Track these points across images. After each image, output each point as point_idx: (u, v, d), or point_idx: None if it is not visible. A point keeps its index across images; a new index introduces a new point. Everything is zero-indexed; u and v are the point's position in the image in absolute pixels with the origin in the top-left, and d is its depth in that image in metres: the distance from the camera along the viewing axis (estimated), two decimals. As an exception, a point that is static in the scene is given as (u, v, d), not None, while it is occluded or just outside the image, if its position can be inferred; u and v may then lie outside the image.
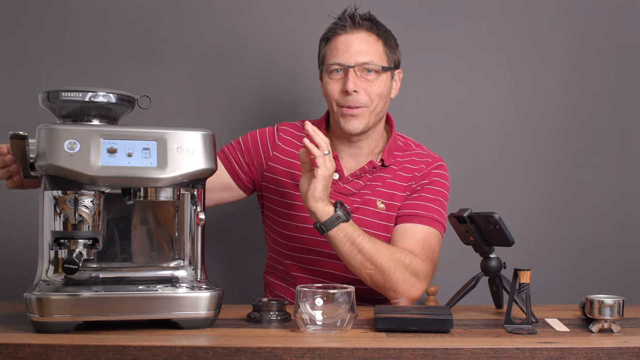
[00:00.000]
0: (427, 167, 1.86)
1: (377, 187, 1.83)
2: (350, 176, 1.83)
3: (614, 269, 2.40)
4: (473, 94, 2.40)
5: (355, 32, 1.79)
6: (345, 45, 1.78)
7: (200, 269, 1.46)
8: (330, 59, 1.80)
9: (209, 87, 2.35)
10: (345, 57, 1.77)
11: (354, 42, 1.78)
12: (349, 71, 1.76)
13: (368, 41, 1.79)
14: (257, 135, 1.90)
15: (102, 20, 2.33)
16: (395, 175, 1.84)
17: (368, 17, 1.83)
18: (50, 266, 1.38)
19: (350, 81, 1.75)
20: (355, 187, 1.83)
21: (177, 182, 1.36)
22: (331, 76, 1.79)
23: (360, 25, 1.79)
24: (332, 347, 1.20)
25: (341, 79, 1.78)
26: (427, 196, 1.81)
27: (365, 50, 1.77)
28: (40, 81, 2.26)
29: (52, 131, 1.31)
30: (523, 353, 1.20)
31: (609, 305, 1.34)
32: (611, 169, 2.41)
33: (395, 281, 1.66)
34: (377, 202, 1.81)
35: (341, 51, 1.78)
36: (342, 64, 1.77)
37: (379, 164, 1.84)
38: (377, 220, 1.81)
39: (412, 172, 1.85)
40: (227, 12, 2.35)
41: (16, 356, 1.19)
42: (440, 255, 1.81)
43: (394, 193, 1.83)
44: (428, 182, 1.83)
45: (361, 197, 1.82)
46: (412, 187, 1.83)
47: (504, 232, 1.50)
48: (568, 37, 2.40)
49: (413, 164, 1.86)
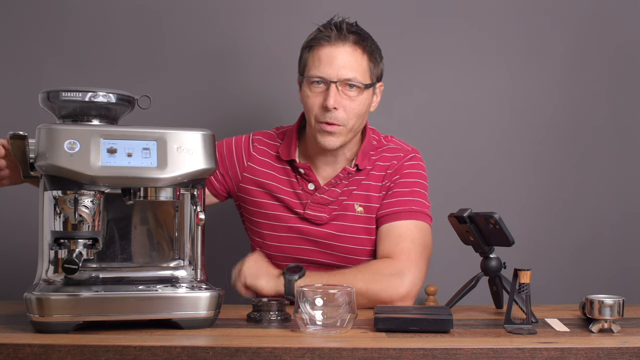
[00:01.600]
0: (398, 162, 1.82)
1: (353, 191, 1.81)
2: (326, 185, 1.81)
3: (614, 268, 2.41)
4: (472, 94, 2.40)
5: (340, 45, 1.72)
6: (329, 58, 1.72)
7: (200, 269, 1.46)
8: (312, 70, 1.73)
9: (209, 87, 2.35)
10: (328, 71, 1.71)
11: (339, 55, 1.71)
12: (331, 86, 1.70)
13: (353, 55, 1.73)
14: (233, 145, 1.88)
15: (102, 20, 2.33)
16: (369, 176, 1.81)
17: (355, 29, 1.76)
18: (50, 266, 1.38)
19: (332, 97, 1.70)
20: (332, 195, 1.80)
21: (177, 182, 1.36)
22: (312, 88, 1.74)
23: (345, 37, 1.72)
24: (332, 347, 1.20)
25: (322, 92, 1.72)
26: (401, 191, 1.79)
27: (350, 66, 1.71)
28: (40, 81, 2.26)
29: (52, 131, 1.31)
30: (523, 353, 1.20)
31: (609, 305, 1.34)
32: (610, 168, 2.41)
33: (376, 293, 1.64)
34: (355, 206, 1.80)
35: (324, 63, 1.72)
36: (324, 78, 1.71)
37: (353, 169, 1.80)
38: (358, 224, 1.80)
39: (384, 169, 1.82)
40: (227, 13, 2.35)
41: (16, 356, 1.19)
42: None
43: (370, 194, 1.80)
44: (399, 176, 1.80)
45: (339, 204, 1.81)
46: (387, 186, 1.81)
47: (504, 232, 1.50)
48: (567, 37, 2.40)
49: (384, 160, 1.83)
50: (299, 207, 1.81)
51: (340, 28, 1.73)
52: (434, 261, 2.26)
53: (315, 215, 1.80)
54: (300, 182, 1.82)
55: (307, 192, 1.81)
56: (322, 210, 1.80)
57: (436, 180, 2.38)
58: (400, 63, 2.38)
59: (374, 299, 1.63)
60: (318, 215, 1.80)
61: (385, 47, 2.42)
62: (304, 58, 1.78)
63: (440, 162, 2.39)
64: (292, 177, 1.83)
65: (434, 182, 2.38)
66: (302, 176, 1.82)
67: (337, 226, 1.79)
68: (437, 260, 2.28)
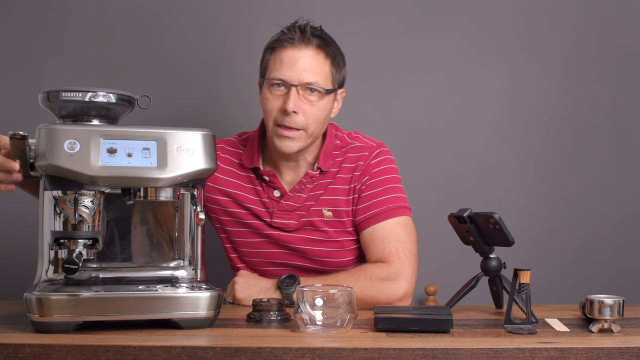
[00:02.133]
0: (364, 162, 1.78)
1: (320, 195, 1.78)
2: (291, 192, 1.78)
3: (614, 268, 2.41)
4: (472, 94, 2.40)
5: (303, 48, 1.69)
6: (291, 61, 1.69)
7: (200, 269, 1.46)
8: (273, 72, 1.71)
9: (209, 87, 2.35)
10: (289, 74, 1.68)
11: (301, 58, 1.69)
12: (292, 89, 1.68)
13: (316, 59, 1.70)
14: None
15: (102, 20, 2.33)
16: (336, 179, 1.78)
17: (319, 32, 1.73)
18: (50, 266, 1.38)
19: (292, 101, 1.67)
20: (298, 201, 1.78)
21: (177, 182, 1.36)
22: (272, 91, 1.71)
23: (309, 40, 1.69)
24: (332, 347, 1.20)
25: (282, 95, 1.70)
26: (374, 192, 1.76)
27: (312, 70, 1.69)
28: (40, 81, 2.26)
29: (52, 131, 1.31)
30: (523, 353, 1.20)
31: (609, 305, 1.34)
32: (610, 168, 2.41)
33: (373, 297, 1.65)
34: (324, 211, 1.78)
35: (286, 66, 1.69)
36: (285, 81, 1.69)
37: (316, 172, 1.77)
38: (328, 229, 1.78)
39: (350, 171, 1.79)
40: (228, 14, 2.35)
41: (16, 356, 1.19)
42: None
43: (338, 198, 1.78)
44: (369, 177, 1.77)
45: (307, 209, 1.78)
46: (357, 189, 1.78)
47: (504, 232, 1.50)
48: (567, 37, 2.40)
49: (349, 162, 1.79)
50: (267, 216, 1.79)
51: (304, 31, 1.70)
52: (434, 261, 2.27)
53: (283, 223, 1.78)
54: (265, 189, 1.80)
55: (273, 199, 1.79)
56: (290, 217, 1.78)
57: (436, 180, 2.39)
58: (400, 63, 2.38)
59: (371, 303, 1.62)
60: (286, 222, 1.78)
61: (385, 46, 2.43)
62: (266, 59, 1.75)
63: (441, 162, 2.39)
64: (257, 185, 1.80)
65: (434, 182, 2.39)
66: (267, 183, 1.79)
67: (308, 231, 1.77)
68: (437, 260, 2.29)
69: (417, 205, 2.17)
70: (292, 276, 1.67)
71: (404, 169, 1.95)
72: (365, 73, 2.35)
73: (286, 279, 1.66)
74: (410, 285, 1.70)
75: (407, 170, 2.34)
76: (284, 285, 1.65)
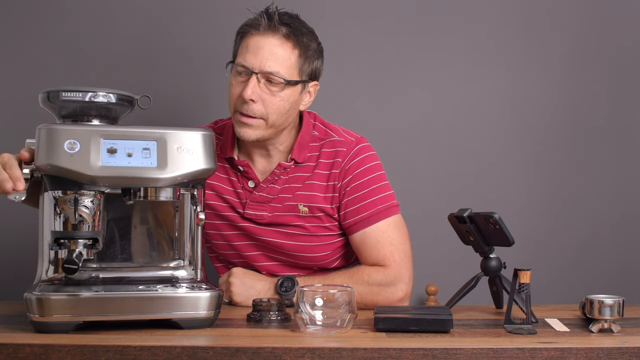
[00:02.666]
0: (343, 159, 1.73)
1: (296, 190, 1.73)
2: (264, 183, 1.73)
3: (614, 268, 2.41)
4: (472, 94, 2.40)
5: (269, 36, 1.63)
6: (255, 48, 1.63)
7: (200, 269, 1.46)
8: (239, 57, 1.66)
9: (208, 87, 2.35)
10: (251, 61, 1.63)
11: (265, 46, 1.63)
12: (252, 77, 1.63)
13: (281, 48, 1.64)
14: None
15: (102, 20, 2.33)
16: (314, 174, 1.73)
17: (289, 21, 1.66)
18: (50, 266, 1.38)
19: (250, 88, 1.62)
20: (272, 192, 1.73)
21: (177, 182, 1.36)
22: (236, 77, 1.66)
23: (276, 28, 1.63)
24: (332, 347, 1.20)
25: (243, 82, 1.64)
26: (360, 195, 1.72)
27: (274, 58, 1.63)
28: (40, 81, 2.26)
29: (52, 131, 1.31)
30: (523, 353, 1.20)
31: (609, 305, 1.34)
32: (610, 168, 2.41)
33: (372, 301, 1.65)
34: (299, 206, 1.73)
35: (250, 52, 1.63)
36: (246, 67, 1.63)
37: (290, 164, 1.72)
38: (304, 223, 1.74)
39: (328, 168, 1.73)
40: (228, 13, 2.35)
41: (16, 356, 1.19)
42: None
43: (314, 194, 1.73)
44: (352, 178, 1.72)
45: (281, 202, 1.73)
46: (338, 187, 1.73)
47: (504, 232, 1.50)
48: (567, 37, 2.41)
49: (327, 157, 1.74)
50: (240, 207, 1.75)
51: (271, 18, 1.64)
52: (434, 261, 2.27)
53: (255, 215, 1.74)
54: (240, 179, 1.76)
55: (247, 190, 1.75)
56: (263, 209, 1.74)
57: (436, 180, 2.39)
58: (400, 62, 2.38)
59: (370, 306, 1.62)
60: (258, 214, 1.74)
61: (385, 46, 2.43)
62: (235, 45, 1.71)
63: (441, 162, 2.39)
64: (232, 176, 1.77)
65: (434, 182, 2.39)
66: (242, 174, 1.75)
67: (281, 226, 1.74)
68: (437, 260, 2.29)
69: (417, 205, 2.18)
70: (289, 278, 1.66)
71: (403, 169, 1.95)
72: (365, 73, 2.35)
73: (285, 282, 1.65)
74: (409, 287, 1.71)
75: (407, 170, 2.35)
76: (282, 291, 1.63)
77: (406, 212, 1.81)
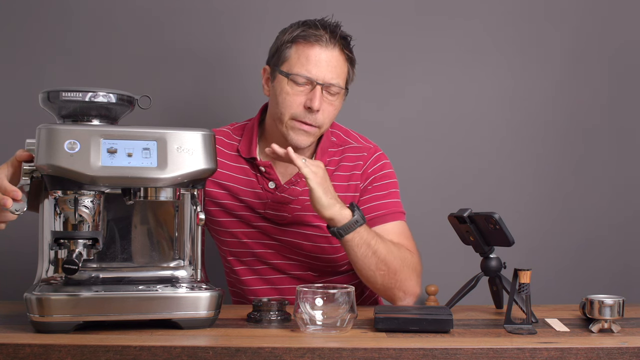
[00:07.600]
0: (364, 162, 1.80)
1: None
2: (286, 184, 1.76)
3: (614, 268, 2.41)
4: (472, 94, 2.40)
5: (331, 48, 1.70)
6: (318, 59, 1.69)
7: (200, 269, 1.46)
8: (297, 67, 1.69)
9: (209, 87, 2.35)
10: (316, 72, 1.68)
11: (330, 59, 1.70)
12: (317, 88, 1.68)
13: (340, 61, 1.72)
14: None
15: (102, 20, 2.33)
16: (333, 177, 1.76)
17: (344, 34, 1.75)
18: (50, 266, 1.38)
19: (317, 99, 1.67)
20: (293, 194, 1.76)
21: (177, 182, 1.36)
22: (293, 86, 1.70)
23: (336, 41, 1.71)
24: (332, 347, 1.20)
25: (304, 92, 1.69)
26: (380, 194, 1.78)
27: (336, 71, 1.70)
28: (40, 81, 2.26)
29: (52, 131, 1.31)
30: (523, 353, 1.20)
31: (609, 305, 1.34)
32: (610, 168, 2.41)
33: (402, 280, 1.66)
34: None
35: (313, 64, 1.68)
36: (311, 79, 1.68)
37: None
38: (321, 223, 1.74)
39: (349, 170, 1.79)
40: (229, 13, 2.35)
41: (16, 356, 1.19)
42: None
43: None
44: (373, 179, 1.79)
45: (301, 203, 1.76)
46: (360, 188, 1.79)
47: (504, 232, 1.50)
48: (567, 37, 2.40)
49: (348, 160, 1.80)
50: (260, 207, 1.77)
51: (334, 32, 1.71)
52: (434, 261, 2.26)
53: (276, 215, 1.77)
54: (260, 180, 1.78)
55: (267, 190, 1.77)
56: (284, 210, 1.76)
57: (436, 180, 2.39)
58: (400, 62, 2.38)
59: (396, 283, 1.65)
60: (279, 214, 1.77)
61: (385, 45, 2.43)
62: (286, 51, 1.72)
63: (441, 162, 2.39)
64: (251, 177, 1.78)
65: (434, 182, 2.39)
66: (263, 174, 1.77)
67: (301, 226, 1.76)
68: (437, 260, 2.28)
69: (417, 206, 2.18)
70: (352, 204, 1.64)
71: (403, 168, 1.95)
72: (364, 72, 2.35)
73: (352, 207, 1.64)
74: (421, 289, 1.73)
75: (407, 170, 2.34)
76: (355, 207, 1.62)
77: (406, 212, 1.81)
